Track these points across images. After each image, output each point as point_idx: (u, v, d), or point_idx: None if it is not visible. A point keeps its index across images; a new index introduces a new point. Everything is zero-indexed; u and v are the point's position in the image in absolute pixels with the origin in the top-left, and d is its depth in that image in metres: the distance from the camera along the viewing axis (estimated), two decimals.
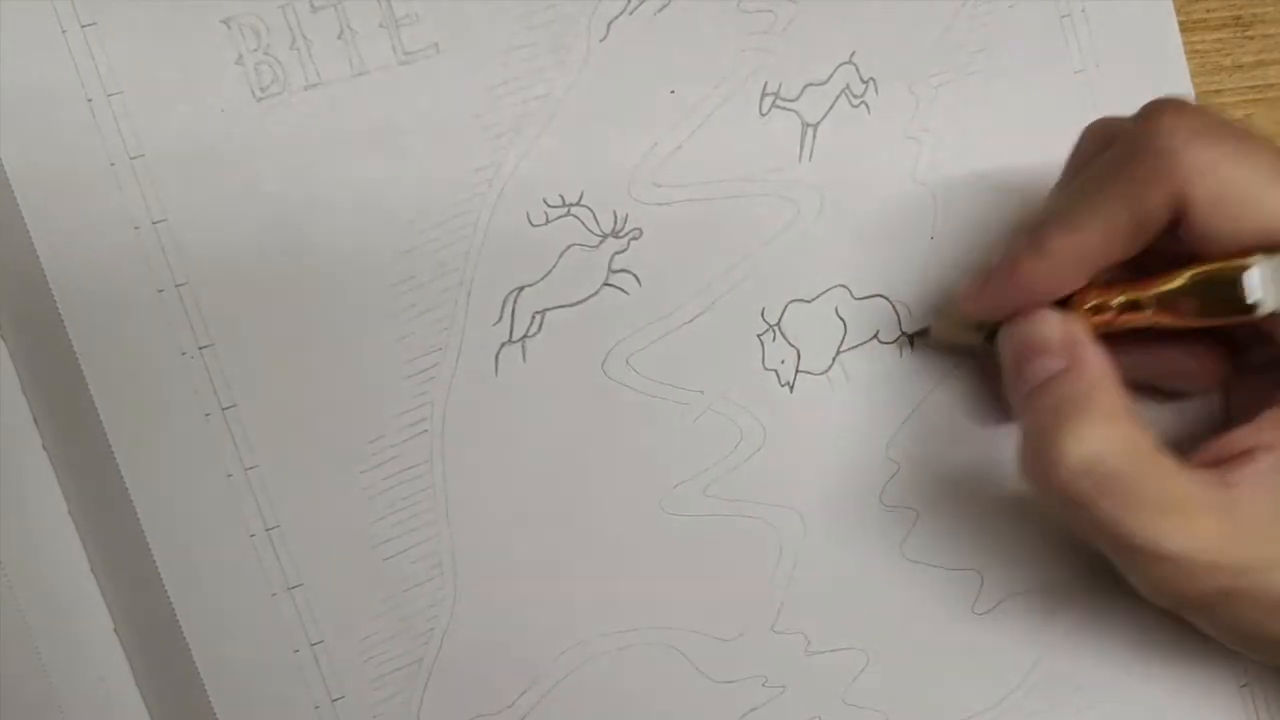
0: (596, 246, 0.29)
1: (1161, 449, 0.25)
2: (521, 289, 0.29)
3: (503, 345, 0.29)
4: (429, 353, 0.29)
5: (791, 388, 0.31)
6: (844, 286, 0.31)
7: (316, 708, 0.28)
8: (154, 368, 0.27)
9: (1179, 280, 0.25)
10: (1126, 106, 0.32)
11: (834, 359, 0.31)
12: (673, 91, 0.30)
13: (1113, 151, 0.25)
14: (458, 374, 0.29)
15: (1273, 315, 0.24)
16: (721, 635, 0.31)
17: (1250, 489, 0.25)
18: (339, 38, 0.28)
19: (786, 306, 0.31)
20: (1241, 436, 0.26)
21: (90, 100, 0.27)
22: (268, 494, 0.28)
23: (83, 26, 0.27)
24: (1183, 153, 0.24)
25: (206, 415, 0.28)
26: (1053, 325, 0.26)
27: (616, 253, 0.30)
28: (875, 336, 0.31)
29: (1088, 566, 0.31)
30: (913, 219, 0.31)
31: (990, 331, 0.28)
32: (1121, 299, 0.26)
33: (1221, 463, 0.25)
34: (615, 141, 0.29)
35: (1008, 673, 0.32)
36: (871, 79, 0.31)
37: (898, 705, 0.31)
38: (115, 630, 0.28)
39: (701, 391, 0.30)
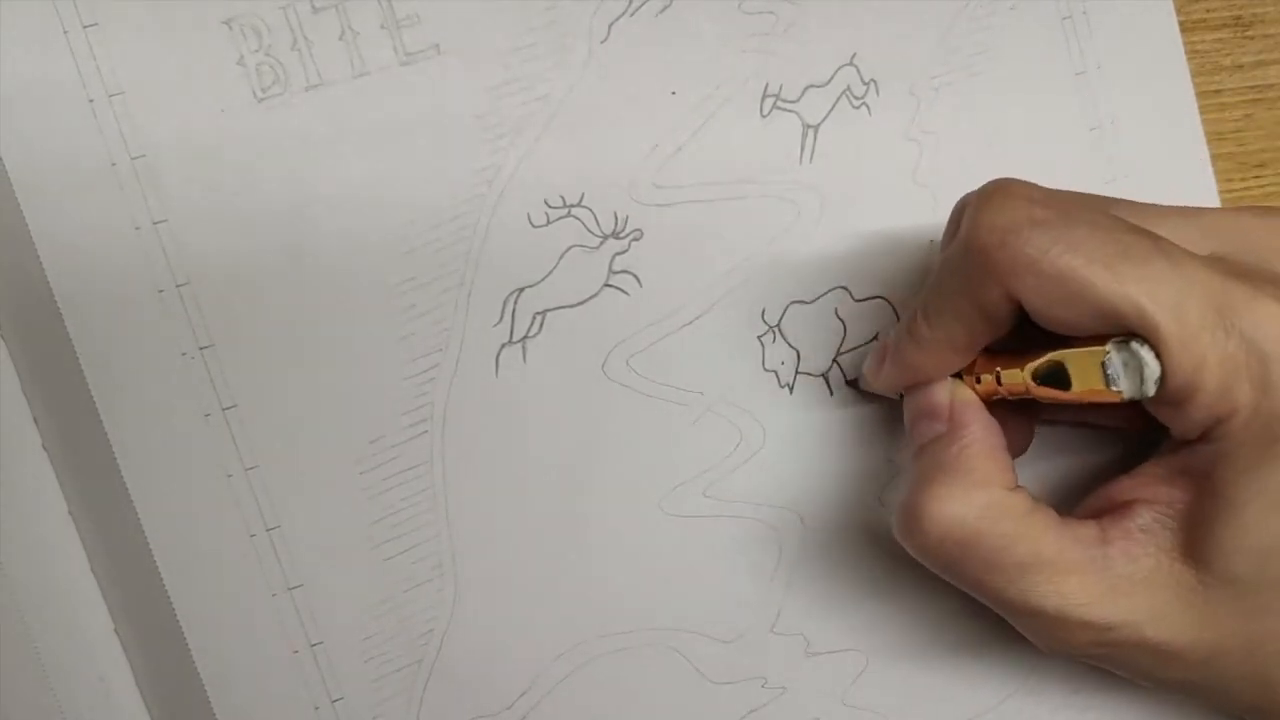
0: (597, 247, 0.29)
1: (1038, 508, 0.25)
2: (522, 290, 0.29)
3: (503, 346, 0.29)
4: (429, 353, 0.29)
5: (791, 389, 0.31)
6: (844, 288, 0.31)
7: (316, 708, 0.28)
8: (154, 368, 0.27)
9: (1041, 361, 0.25)
10: (1127, 107, 0.32)
11: (834, 360, 0.31)
12: (674, 93, 0.30)
13: (955, 242, 0.25)
14: (458, 375, 0.29)
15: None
16: (721, 636, 0.31)
17: (1125, 545, 0.24)
18: (340, 39, 0.28)
19: (787, 308, 0.31)
20: (1123, 488, 0.26)
21: (92, 101, 0.27)
22: (268, 494, 0.28)
23: (84, 27, 0.27)
24: (1003, 252, 0.23)
25: (206, 415, 0.28)
26: (941, 392, 0.27)
27: (617, 254, 0.30)
28: (875, 338, 0.31)
29: None
30: (913, 221, 0.31)
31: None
32: (999, 372, 0.26)
33: (1104, 514, 0.25)
34: (616, 142, 0.29)
35: (1007, 674, 0.32)
36: (872, 80, 0.31)
37: (898, 706, 0.31)
38: (115, 630, 0.28)
39: (701, 392, 0.30)
